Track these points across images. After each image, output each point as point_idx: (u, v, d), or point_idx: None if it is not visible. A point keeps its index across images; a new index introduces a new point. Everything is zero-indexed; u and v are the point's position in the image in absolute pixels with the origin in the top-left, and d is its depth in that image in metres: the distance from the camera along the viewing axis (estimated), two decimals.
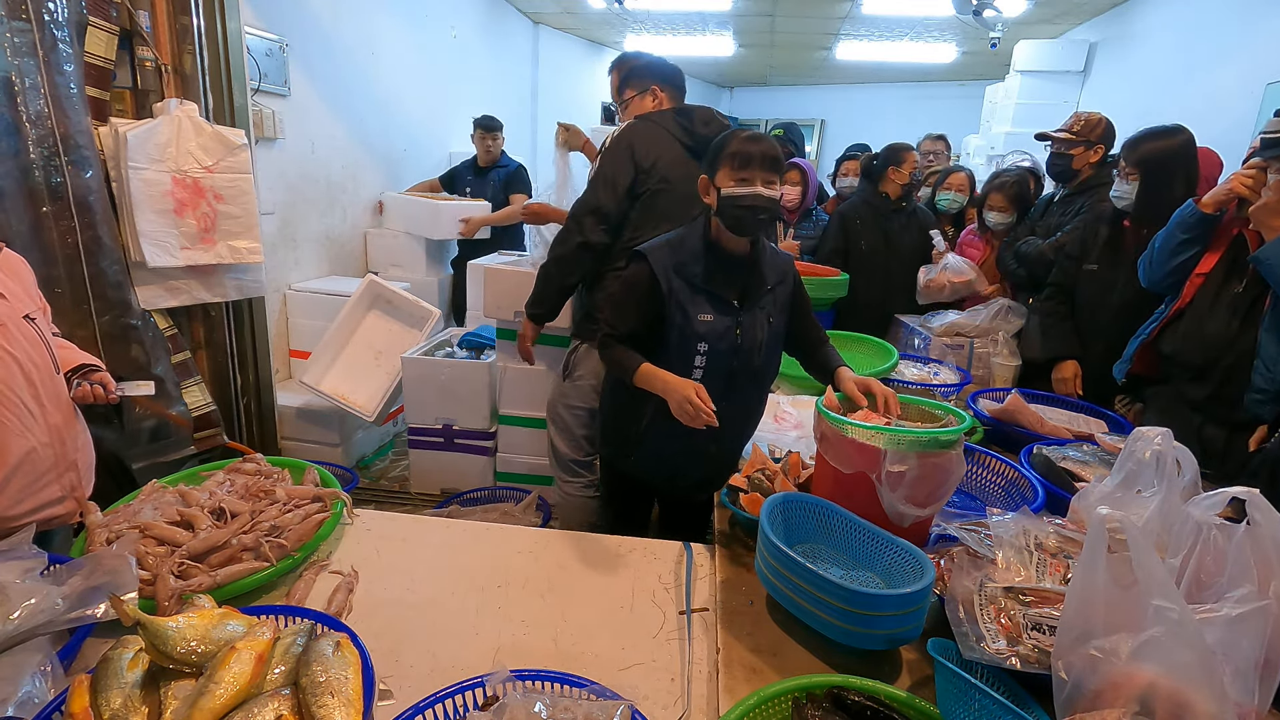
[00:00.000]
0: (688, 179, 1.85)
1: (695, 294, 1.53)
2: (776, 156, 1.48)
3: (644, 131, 2.13)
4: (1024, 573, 0.99)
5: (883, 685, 0.88)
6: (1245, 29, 3.68)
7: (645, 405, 1.59)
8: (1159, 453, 1.07)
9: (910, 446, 1.17)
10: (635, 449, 1.70)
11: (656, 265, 1.52)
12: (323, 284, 3.58)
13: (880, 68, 7.74)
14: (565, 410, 2.35)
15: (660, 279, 1.51)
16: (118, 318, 2.22)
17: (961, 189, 3.39)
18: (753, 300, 1.57)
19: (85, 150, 2.07)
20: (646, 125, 2.16)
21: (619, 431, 1.73)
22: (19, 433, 1.27)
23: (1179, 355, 1.86)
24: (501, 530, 1.47)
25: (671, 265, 1.52)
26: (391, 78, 4.18)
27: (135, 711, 0.83)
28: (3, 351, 1.26)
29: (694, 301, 1.52)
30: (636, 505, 1.89)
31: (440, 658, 1.06)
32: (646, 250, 1.55)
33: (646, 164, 2.09)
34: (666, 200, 2.11)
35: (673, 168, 2.11)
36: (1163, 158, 2.06)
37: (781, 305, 1.64)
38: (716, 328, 1.53)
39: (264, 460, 1.57)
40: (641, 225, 2.11)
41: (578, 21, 6.46)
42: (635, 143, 2.11)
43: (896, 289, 3.20)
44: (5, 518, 1.26)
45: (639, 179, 2.10)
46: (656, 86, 2.31)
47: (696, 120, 2.15)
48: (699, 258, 1.53)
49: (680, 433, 1.44)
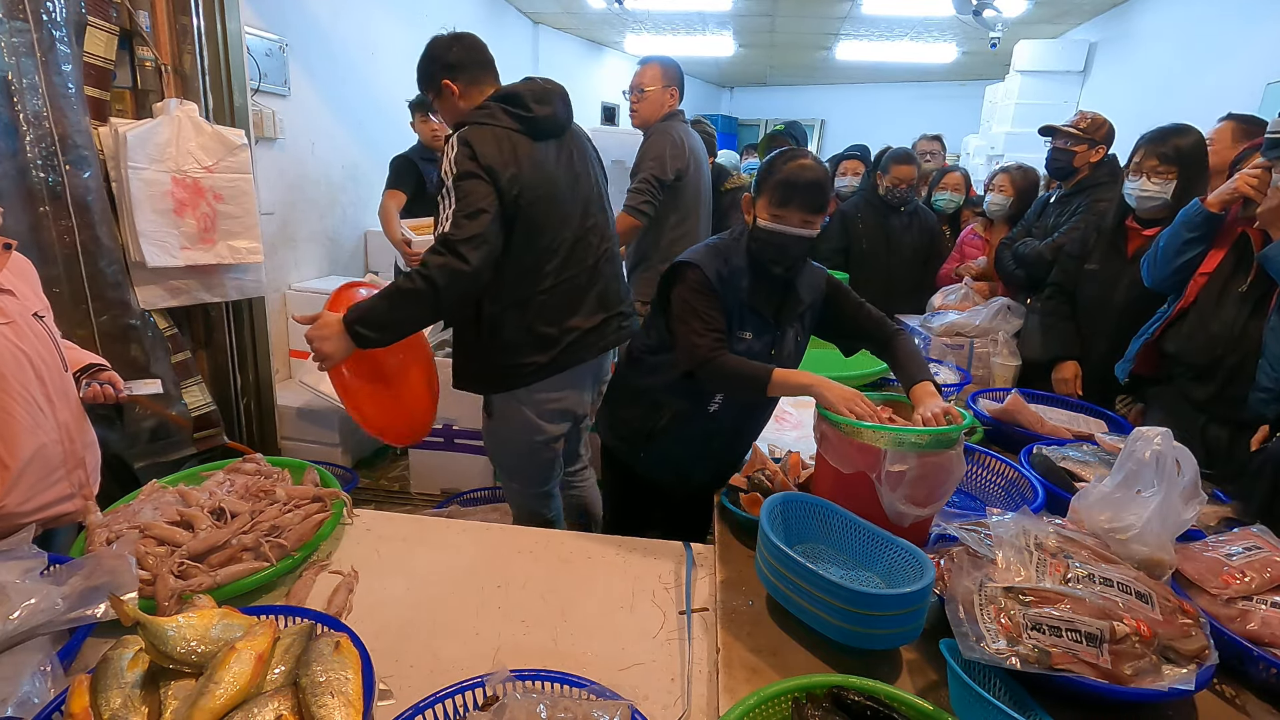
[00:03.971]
0: (551, 181, 1.65)
1: (739, 311, 1.48)
2: (822, 189, 1.38)
3: (482, 137, 1.59)
4: (1024, 573, 0.99)
5: (883, 685, 0.88)
6: (1245, 29, 3.69)
7: (664, 409, 1.59)
8: (1159, 453, 1.07)
9: (910, 446, 1.17)
10: (644, 446, 1.68)
11: (710, 272, 1.45)
12: (323, 284, 3.57)
13: (880, 68, 7.75)
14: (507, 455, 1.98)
15: (717, 287, 1.45)
16: (117, 318, 2.22)
17: (958, 189, 3.39)
18: (788, 319, 1.54)
19: (84, 150, 2.07)
20: (481, 130, 1.61)
21: (630, 426, 1.71)
22: (31, 429, 1.27)
23: (1183, 354, 1.86)
24: (501, 530, 1.47)
25: (723, 275, 1.46)
26: (391, 78, 4.17)
27: (135, 711, 0.83)
28: (14, 347, 1.26)
29: (738, 318, 1.48)
30: (637, 499, 1.88)
31: (440, 658, 1.06)
32: (695, 259, 1.47)
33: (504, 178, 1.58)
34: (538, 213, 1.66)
35: (533, 172, 1.63)
36: (1199, 153, 2.05)
37: (811, 321, 1.62)
38: (754, 347, 1.51)
39: (264, 460, 1.57)
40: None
41: (578, 21, 6.45)
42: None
43: (896, 289, 3.20)
44: (17, 514, 1.26)
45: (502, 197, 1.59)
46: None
47: (528, 101, 1.65)
48: (743, 274, 1.48)
49: (693, 438, 1.45)
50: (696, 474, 1.70)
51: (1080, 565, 0.99)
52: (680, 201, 2.77)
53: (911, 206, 3.23)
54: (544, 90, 1.71)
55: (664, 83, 2.73)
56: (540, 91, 1.69)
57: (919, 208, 3.27)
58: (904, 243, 3.19)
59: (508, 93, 1.67)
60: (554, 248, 1.68)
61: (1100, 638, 0.88)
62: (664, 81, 2.73)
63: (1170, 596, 0.98)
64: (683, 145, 2.70)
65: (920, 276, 3.19)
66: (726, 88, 9.98)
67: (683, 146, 2.70)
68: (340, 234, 3.95)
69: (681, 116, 2.81)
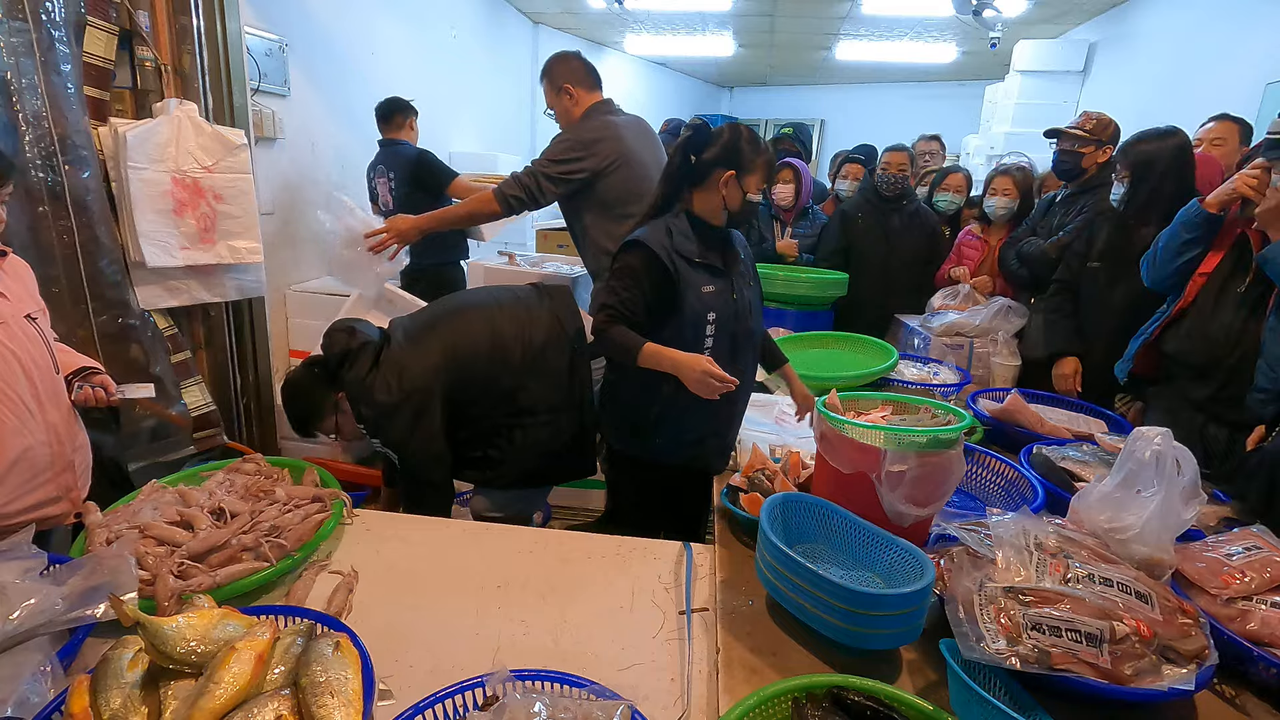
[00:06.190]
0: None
1: (695, 270, 1.61)
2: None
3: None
4: (1024, 573, 0.99)
5: (883, 685, 0.88)
6: (1245, 29, 3.68)
7: (659, 387, 1.63)
8: (1159, 453, 1.07)
9: (910, 446, 1.17)
10: (653, 432, 1.72)
11: (656, 247, 1.57)
12: (323, 284, 3.57)
13: (880, 68, 7.74)
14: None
15: (666, 261, 1.57)
16: (116, 317, 2.22)
17: (959, 190, 3.39)
18: (732, 266, 1.69)
19: (83, 150, 2.07)
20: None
21: (633, 420, 1.75)
22: (16, 430, 1.27)
23: (1182, 354, 1.86)
24: (501, 530, 1.47)
25: (671, 247, 1.59)
26: (391, 78, 4.17)
27: (135, 711, 0.83)
28: (3, 348, 1.26)
29: (696, 277, 1.61)
30: (646, 494, 1.89)
31: (440, 658, 1.06)
32: (641, 238, 1.60)
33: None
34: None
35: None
36: (1150, 158, 2.10)
37: (751, 276, 1.78)
38: (720, 296, 1.63)
39: (264, 460, 1.57)
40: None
41: (578, 21, 6.45)
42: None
43: (896, 288, 3.20)
44: (0, 515, 1.26)
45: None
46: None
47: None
48: (689, 236, 1.62)
49: (697, 405, 1.53)
50: (710, 442, 1.74)
51: (1080, 565, 0.99)
52: (621, 200, 2.37)
53: (913, 207, 3.22)
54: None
55: (554, 90, 2.46)
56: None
57: (920, 208, 3.27)
58: (904, 243, 3.19)
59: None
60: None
61: (1100, 638, 0.88)
62: (554, 89, 2.47)
63: (1170, 596, 0.98)
64: (593, 145, 2.34)
65: (920, 277, 3.19)
66: (726, 88, 9.97)
67: (593, 146, 2.33)
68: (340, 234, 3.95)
69: (605, 108, 2.47)
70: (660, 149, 2.59)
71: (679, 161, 1.63)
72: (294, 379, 1.79)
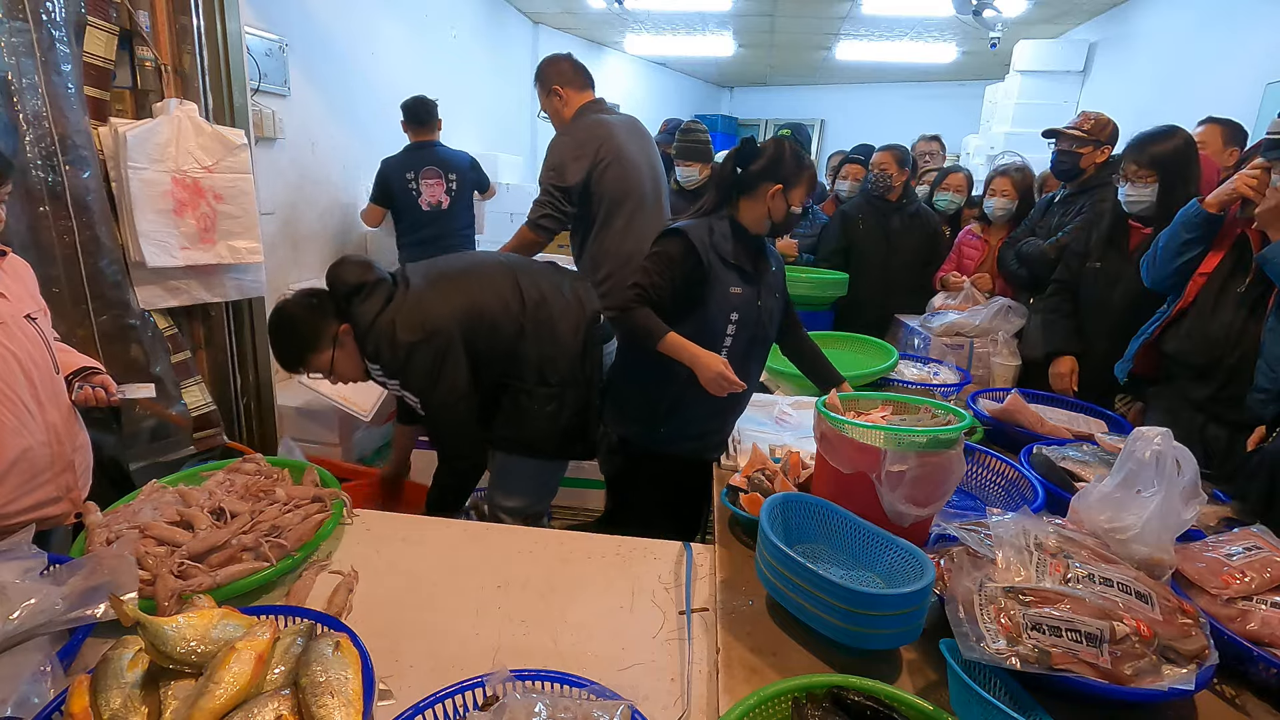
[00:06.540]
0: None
1: (727, 269, 1.69)
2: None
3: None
4: (1024, 573, 0.99)
5: (883, 685, 0.88)
6: (1245, 29, 3.69)
7: (675, 373, 1.67)
8: (1159, 453, 1.07)
9: (910, 446, 1.17)
10: (666, 419, 1.77)
11: (696, 240, 1.66)
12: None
13: (880, 68, 7.75)
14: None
15: (701, 253, 1.66)
16: (116, 317, 2.22)
17: (959, 190, 3.39)
18: (762, 274, 1.77)
19: (83, 150, 2.07)
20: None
21: (648, 407, 1.80)
22: (15, 430, 1.27)
23: (1182, 354, 1.86)
24: (501, 530, 1.47)
25: (709, 243, 1.67)
26: (391, 78, 4.17)
27: (135, 711, 0.83)
28: (3, 349, 1.26)
29: (727, 276, 1.69)
30: (646, 487, 1.90)
31: (440, 658, 1.06)
32: (684, 228, 1.68)
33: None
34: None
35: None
36: (1179, 158, 2.06)
37: (780, 288, 1.86)
38: (745, 299, 1.72)
39: (264, 460, 1.57)
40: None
41: (578, 21, 6.46)
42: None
43: (896, 289, 3.20)
44: (0, 515, 1.26)
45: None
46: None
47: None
48: (729, 238, 1.71)
49: (704, 400, 1.63)
50: (714, 432, 1.78)
51: (1080, 565, 0.99)
52: (611, 198, 2.45)
53: (913, 207, 3.22)
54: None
55: (545, 93, 2.54)
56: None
57: (920, 209, 3.27)
58: (904, 244, 3.19)
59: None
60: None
61: (1100, 638, 0.88)
62: (545, 92, 2.54)
63: (1170, 596, 0.98)
64: (585, 143, 2.41)
65: (920, 277, 3.19)
66: (726, 88, 9.97)
67: (586, 144, 2.40)
68: (340, 234, 3.95)
69: (595, 107, 2.53)
70: (654, 149, 2.62)
71: (728, 170, 1.72)
72: (288, 306, 1.69)
